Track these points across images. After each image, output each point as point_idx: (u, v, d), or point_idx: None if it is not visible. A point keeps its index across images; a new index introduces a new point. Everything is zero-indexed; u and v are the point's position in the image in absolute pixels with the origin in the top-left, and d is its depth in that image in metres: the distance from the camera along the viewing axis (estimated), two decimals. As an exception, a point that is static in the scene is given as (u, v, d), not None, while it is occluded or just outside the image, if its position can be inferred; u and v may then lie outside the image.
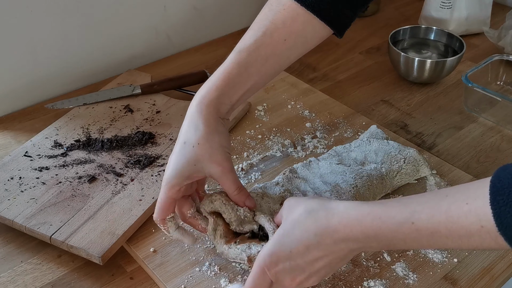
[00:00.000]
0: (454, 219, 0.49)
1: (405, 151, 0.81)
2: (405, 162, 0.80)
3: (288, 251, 0.57)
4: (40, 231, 0.72)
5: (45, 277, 0.71)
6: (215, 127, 0.65)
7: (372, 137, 0.85)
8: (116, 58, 1.11)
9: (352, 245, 0.56)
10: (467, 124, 0.99)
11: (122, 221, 0.74)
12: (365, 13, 1.33)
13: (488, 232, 0.48)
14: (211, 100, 0.65)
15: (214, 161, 0.64)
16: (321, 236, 0.56)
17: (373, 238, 0.54)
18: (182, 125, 0.66)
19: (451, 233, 0.50)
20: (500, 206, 0.46)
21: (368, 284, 0.68)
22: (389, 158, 0.80)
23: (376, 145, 0.83)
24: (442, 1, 1.20)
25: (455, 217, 0.49)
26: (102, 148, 0.87)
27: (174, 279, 0.69)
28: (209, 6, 1.20)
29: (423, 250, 0.72)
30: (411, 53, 1.13)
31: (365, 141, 0.84)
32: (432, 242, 0.52)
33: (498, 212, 0.46)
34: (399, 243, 0.54)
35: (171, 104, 0.98)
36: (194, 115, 0.65)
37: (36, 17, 0.97)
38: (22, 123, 0.98)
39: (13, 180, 0.80)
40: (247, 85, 0.68)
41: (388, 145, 0.82)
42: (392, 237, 0.54)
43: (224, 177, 0.65)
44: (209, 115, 0.65)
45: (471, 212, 0.48)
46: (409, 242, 0.53)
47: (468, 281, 0.69)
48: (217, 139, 0.64)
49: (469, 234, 0.49)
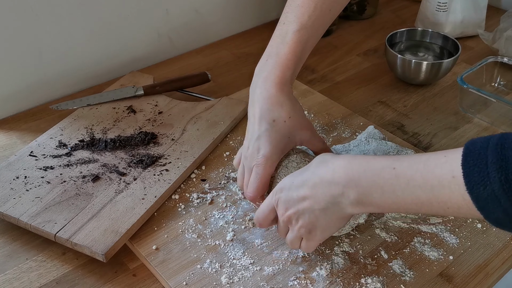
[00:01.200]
0: (430, 168, 0.51)
1: (403, 151, 0.82)
2: None
3: (290, 183, 0.62)
4: (45, 229, 0.72)
5: (49, 274, 0.71)
6: (294, 100, 0.72)
7: (370, 137, 0.85)
8: (119, 60, 1.11)
9: (333, 190, 0.57)
10: (462, 124, 0.99)
11: (125, 219, 0.74)
12: (362, 16, 1.33)
13: (457, 184, 0.48)
14: (287, 79, 0.71)
15: (305, 128, 0.72)
16: (314, 175, 0.60)
17: (354, 182, 0.56)
18: (258, 108, 0.70)
19: (425, 183, 0.51)
20: (469, 166, 0.48)
21: (365, 281, 0.68)
22: None
23: (375, 145, 0.83)
24: (438, 4, 1.20)
25: (432, 166, 0.51)
26: (105, 148, 0.87)
27: (176, 276, 0.69)
28: (210, 10, 1.20)
29: (420, 248, 0.72)
30: (408, 55, 1.13)
31: (364, 141, 0.84)
32: (406, 193, 0.53)
33: (467, 171, 0.48)
34: (376, 191, 0.55)
35: (173, 105, 0.98)
36: (276, 95, 0.70)
37: (42, 20, 0.97)
38: (27, 124, 0.98)
39: (18, 179, 0.80)
40: (305, 58, 0.75)
41: (387, 145, 0.83)
42: (372, 182, 0.55)
43: (314, 138, 0.73)
44: (289, 92, 0.72)
45: (446, 163, 0.50)
46: (385, 191, 0.54)
47: (463, 278, 0.69)
48: (299, 109, 0.72)
49: (441, 185, 0.50)
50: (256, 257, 0.71)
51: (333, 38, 1.24)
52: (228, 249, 0.72)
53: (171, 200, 0.80)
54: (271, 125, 0.69)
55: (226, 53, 1.20)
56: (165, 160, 0.85)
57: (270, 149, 0.68)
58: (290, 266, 0.70)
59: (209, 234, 0.75)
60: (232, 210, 0.78)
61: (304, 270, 0.70)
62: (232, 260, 0.71)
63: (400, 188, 0.53)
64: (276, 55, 0.72)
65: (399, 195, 0.53)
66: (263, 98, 0.70)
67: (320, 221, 0.61)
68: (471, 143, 0.49)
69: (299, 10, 0.73)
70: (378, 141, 0.84)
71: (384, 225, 0.76)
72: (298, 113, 0.71)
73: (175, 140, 0.89)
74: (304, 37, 0.73)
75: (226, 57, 1.19)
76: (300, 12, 0.73)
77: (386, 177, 0.54)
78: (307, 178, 0.61)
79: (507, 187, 0.45)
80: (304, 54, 0.74)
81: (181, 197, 0.81)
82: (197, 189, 0.82)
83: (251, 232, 0.75)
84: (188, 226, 0.76)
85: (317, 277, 0.69)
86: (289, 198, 0.62)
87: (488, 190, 0.46)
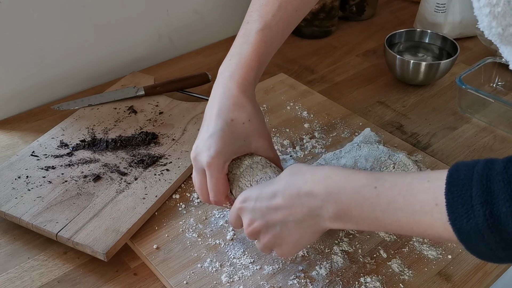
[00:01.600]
0: (414, 192, 0.49)
1: (394, 156, 0.81)
2: (395, 167, 0.80)
3: (258, 193, 0.59)
4: (46, 229, 0.72)
5: (51, 273, 0.71)
6: (256, 105, 0.69)
7: (366, 140, 0.85)
8: (120, 61, 1.11)
9: (312, 202, 0.55)
10: (461, 124, 0.99)
11: (126, 218, 0.74)
12: (362, 17, 1.33)
13: (440, 213, 0.47)
14: (250, 81, 0.68)
15: (262, 136, 0.68)
16: (290, 185, 0.57)
17: (333, 196, 0.53)
18: (216, 106, 0.67)
19: (407, 206, 0.50)
20: (453, 196, 0.46)
21: (364, 280, 0.68)
22: (379, 163, 0.80)
23: (366, 150, 0.82)
24: (437, 5, 1.20)
25: (415, 190, 0.49)
26: (106, 148, 0.87)
27: (177, 275, 0.69)
28: (209, 11, 1.20)
29: (419, 247, 0.72)
30: (407, 55, 1.13)
31: (356, 146, 0.83)
32: (386, 214, 0.51)
33: (451, 202, 0.46)
34: (356, 208, 0.53)
35: (174, 105, 0.98)
36: (238, 95, 0.67)
37: (43, 21, 0.97)
38: (29, 124, 0.98)
39: (20, 179, 0.80)
40: (269, 59, 0.72)
41: (378, 150, 0.82)
42: (352, 199, 0.53)
43: (270, 150, 0.69)
44: (251, 95, 0.68)
45: (430, 189, 0.48)
46: (365, 209, 0.52)
47: (461, 277, 0.69)
48: (259, 114, 0.68)
49: (422, 211, 0.48)
50: (256, 256, 0.71)
51: (332, 39, 1.24)
52: (228, 248, 0.72)
53: (172, 200, 0.80)
54: (228, 124, 0.65)
55: (225, 54, 1.19)
56: (166, 160, 0.85)
57: (221, 148, 0.64)
58: (289, 265, 0.70)
59: (210, 234, 0.75)
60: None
61: (303, 269, 0.70)
62: (232, 259, 0.71)
63: (380, 208, 0.51)
64: (239, 55, 0.69)
65: (379, 215, 0.52)
66: (225, 97, 0.67)
67: (293, 234, 0.58)
68: (455, 170, 0.47)
69: (263, 9, 0.70)
70: (369, 145, 0.83)
71: (383, 224, 0.76)
72: (258, 118, 0.67)
73: (176, 140, 0.89)
74: (268, 37, 0.70)
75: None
76: (264, 11, 0.70)
77: (367, 196, 0.52)
78: (280, 188, 0.57)
79: (491, 222, 0.43)
80: (268, 55, 0.71)
81: (182, 197, 0.81)
82: (198, 189, 0.82)
83: (251, 232, 0.75)
84: (188, 226, 0.76)
85: (316, 276, 0.69)
86: (256, 209, 0.58)
87: (471, 223, 0.44)
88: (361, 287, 0.67)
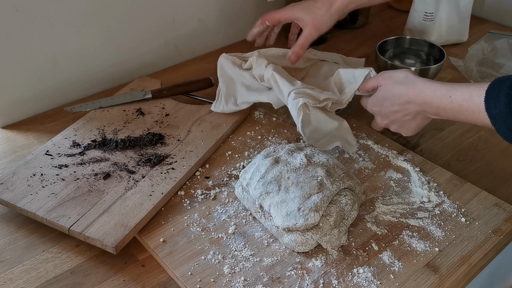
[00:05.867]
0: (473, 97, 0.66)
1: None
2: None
3: (382, 100, 0.79)
4: (59, 223, 0.72)
5: (64, 265, 0.71)
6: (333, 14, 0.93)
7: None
8: (129, 66, 1.11)
9: (415, 107, 0.74)
10: (448, 126, 0.98)
11: (134, 214, 0.74)
12: (355, 25, 1.33)
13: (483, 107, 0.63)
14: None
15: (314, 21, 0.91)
16: (402, 97, 0.75)
17: (427, 105, 0.72)
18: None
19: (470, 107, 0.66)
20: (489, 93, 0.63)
21: (357, 271, 0.68)
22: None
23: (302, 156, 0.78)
24: (425, 14, 1.20)
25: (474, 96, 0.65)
26: (116, 148, 0.87)
27: (182, 267, 0.69)
28: (212, 19, 1.20)
29: (408, 240, 0.72)
30: (397, 61, 1.13)
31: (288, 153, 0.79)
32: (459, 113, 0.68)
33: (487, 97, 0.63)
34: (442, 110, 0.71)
35: (179, 108, 0.98)
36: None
37: (57, 29, 0.97)
38: (43, 125, 0.98)
39: (35, 176, 0.80)
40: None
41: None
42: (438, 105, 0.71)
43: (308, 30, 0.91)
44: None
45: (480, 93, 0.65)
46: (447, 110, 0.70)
47: (448, 268, 0.69)
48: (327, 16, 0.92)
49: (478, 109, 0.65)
50: (256, 249, 0.71)
51: (327, 46, 1.24)
52: (230, 242, 0.72)
53: (177, 196, 0.80)
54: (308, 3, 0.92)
55: (228, 60, 1.20)
56: (172, 159, 0.85)
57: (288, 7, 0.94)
58: (287, 257, 0.70)
59: (213, 228, 0.74)
60: (234, 205, 0.78)
61: (300, 261, 0.69)
62: (234, 251, 0.71)
63: (456, 110, 0.69)
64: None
65: (456, 115, 0.69)
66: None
67: (412, 123, 0.78)
68: (496, 80, 0.63)
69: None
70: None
71: (375, 219, 0.76)
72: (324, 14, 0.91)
73: (181, 140, 0.89)
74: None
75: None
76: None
77: (445, 103, 0.70)
78: (395, 99, 0.76)
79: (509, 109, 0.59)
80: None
81: (187, 193, 0.81)
82: (201, 186, 0.82)
83: (251, 226, 0.75)
84: (193, 220, 0.76)
85: (312, 268, 0.69)
86: (382, 112, 0.80)
87: (497, 109, 0.61)
88: (354, 277, 0.67)
